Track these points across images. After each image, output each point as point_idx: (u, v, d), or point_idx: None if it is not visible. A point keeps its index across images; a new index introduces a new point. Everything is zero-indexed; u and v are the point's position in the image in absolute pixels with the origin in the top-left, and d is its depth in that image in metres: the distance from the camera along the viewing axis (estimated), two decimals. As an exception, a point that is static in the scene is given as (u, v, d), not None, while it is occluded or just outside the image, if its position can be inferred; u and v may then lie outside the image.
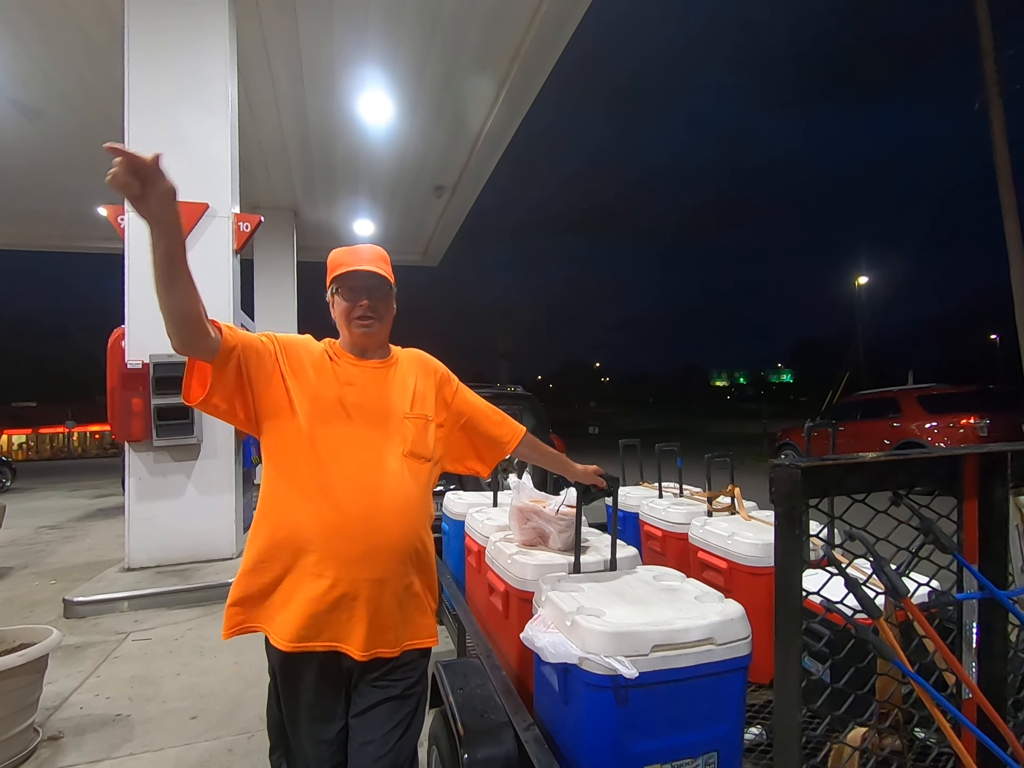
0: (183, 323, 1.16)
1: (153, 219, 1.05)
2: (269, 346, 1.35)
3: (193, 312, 1.16)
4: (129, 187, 1.00)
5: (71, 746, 2.40)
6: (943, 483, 0.85)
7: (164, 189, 1.03)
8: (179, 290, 1.12)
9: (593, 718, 1.25)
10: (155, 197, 1.03)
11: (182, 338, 1.18)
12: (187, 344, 1.20)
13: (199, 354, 1.24)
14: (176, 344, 1.19)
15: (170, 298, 1.12)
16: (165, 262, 1.09)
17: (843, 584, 0.82)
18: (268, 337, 1.38)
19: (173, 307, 1.13)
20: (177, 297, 1.13)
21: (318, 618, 1.26)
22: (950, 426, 8.71)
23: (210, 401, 1.28)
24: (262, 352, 1.33)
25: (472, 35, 5.66)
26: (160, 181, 1.03)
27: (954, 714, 0.78)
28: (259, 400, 1.33)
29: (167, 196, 1.04)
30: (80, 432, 33.20)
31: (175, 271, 1.10)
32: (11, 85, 6.22)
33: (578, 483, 1.75)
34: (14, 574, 5.19)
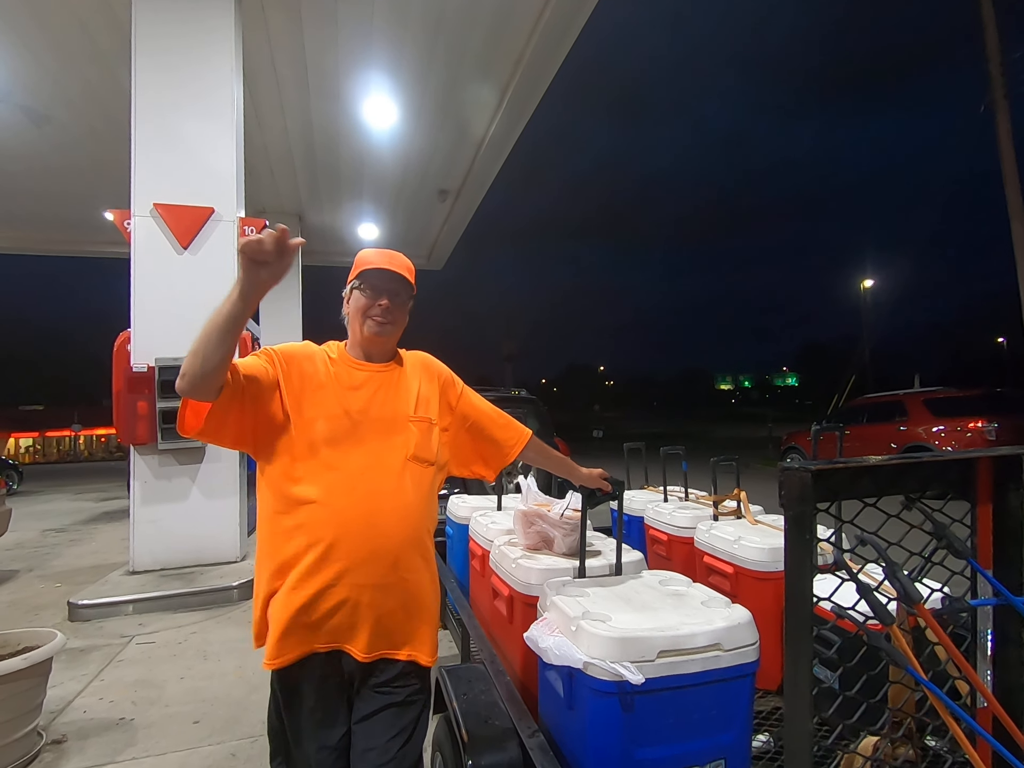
0: (212, 373, 1.15)
1: (257, 286, 1.13)
2: (270, 369, 1.32)
3: (225, 366, 1.17)
4: (265, 255, 1.09)
5: (74, 750, 2.39)
6: (956, 487, 0.84)
7: (283, 269, 1.13)
8: (227, 345, 1.15)
9: (598, 724, 1.24)
10: (272, 272, 1.12)
11: (197, 386, 1.16)
12: (199, 391, 1.17)
13: (204, 399, 1.21)
14: (185, 385, 1.15)
15: (217, 350, 1.14)
16: (233, 321, 1.14)
17: (854, 590, 0.80)
18: (268, 356, 1.35)
19: (214, 357, 1.14)
20: (223, 351, 1.15)
21: (319, 622, 1.25)
22: (957, 430, 8.64)
23: (206, 434, 1.26)
24: (262, 380, 1.30)
25: (476, 40, 5.68)
26: (287, 264, 1.13)
27: (969, 723, 0.76)
28: (258, 427, 1.31)
29: (278, 277, 1.14)
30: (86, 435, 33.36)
31: (236, 329, 1.15)
32: (18, 90, 6.27)
33: (583, 487, 1.73)
34: (20, 577, 5.20)
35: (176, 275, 4.60)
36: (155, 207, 4.55)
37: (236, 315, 1.13)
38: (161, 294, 4.56)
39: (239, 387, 1.24)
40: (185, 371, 1.15)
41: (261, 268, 1.11)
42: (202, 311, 4.21)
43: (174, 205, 4.59)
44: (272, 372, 1.32)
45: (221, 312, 1.13)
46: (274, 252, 1.09)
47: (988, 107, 10.87)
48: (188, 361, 1.14)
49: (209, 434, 1.26)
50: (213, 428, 1.25)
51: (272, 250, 1.09)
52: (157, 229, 4.58)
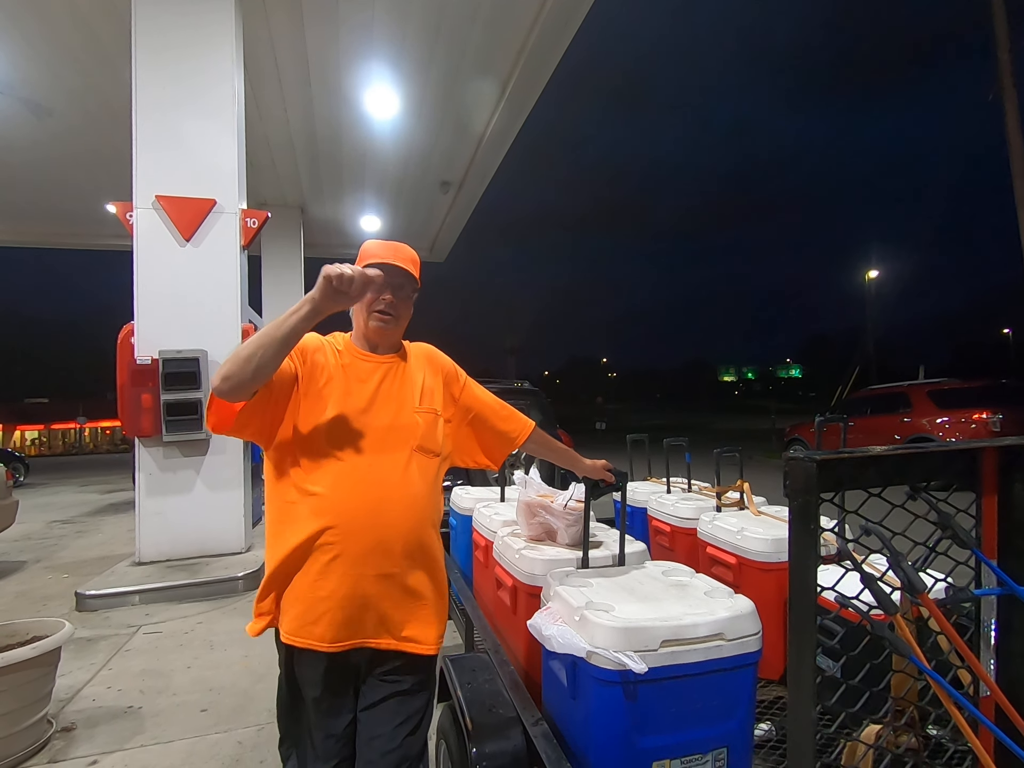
0: (260, 380, 1.18)
1: (324, 311, 1.19)
2: (290, 364, 1.32)
3: (272, 374, 1.20)
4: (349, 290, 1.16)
5: (83, 738, 2.43)
6: (961, 477, 0.84)
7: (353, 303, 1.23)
8: (283, 356, 1.19)
9: (602, 713, 1.24)
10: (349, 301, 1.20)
11: (238, 390, 1.17)
12: (238, 394, 1.18)
13: (237, 401, 1.22)
14: (227, 388, 1.15)
15: (273, 359, 1.17)
16: (297, 336, 1.19)
17: (858, 580, 0.80)
18: None
19: (268, 366, 1.17)
20: (277, 361, 1.18)
21: (328, 614, 1.26)
22: (962, 421, 8.61)
23: (237, 431, 1.28)
24: (286, 377, 1.30)
25: (477, 31, 5.63)
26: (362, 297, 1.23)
27: (972, 712, 0.76)
28: (276, 421, 1.32)
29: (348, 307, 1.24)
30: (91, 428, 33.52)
31: (295, 343, 1.21)
32: (20, 83, 6.25)
33: (586, 478, 1.73)
34: (28, 568, 5.25)
35: (179, 267, 4.60)
36: (157, 199, 4.55)
37: (301, 331, 1.19)
38: (164, 286, 4.56)
39: (269, 388, 1.25)
40: (230, 374, 1.15)
41: (340, 296, 1.17)
42: (205, 303, 4.24)
43: (176, 197, 4.58)
44: (292, 367, 1.33)
45: (285, 325, 1.16)
46: (358, 289, 1.17)
47: (996, 95, 10.74)
48: (238, 366, 1.14)
49: (237, 431, 1.28)
50: (241, 426, 1.27)
51: (357, 289, 1.17)
52: (159, 221, 4.57)
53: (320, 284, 1.15)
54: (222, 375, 1.15)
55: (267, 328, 1.17)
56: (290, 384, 1.31)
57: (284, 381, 1.29)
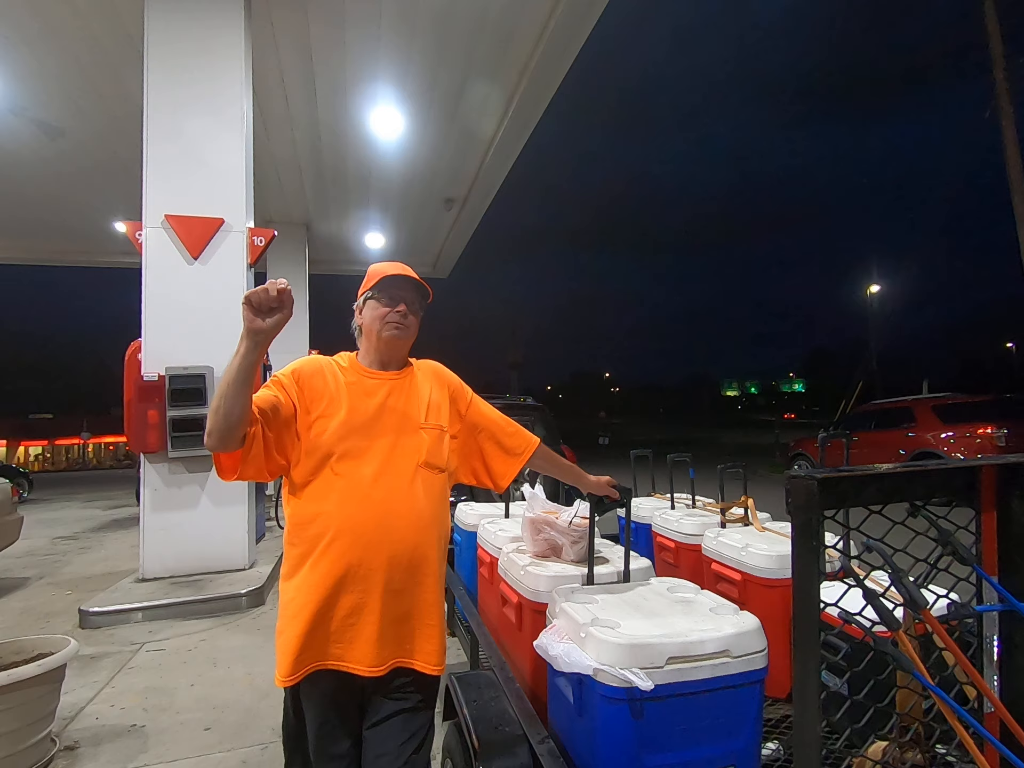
0: (236, 425, 1.20)
1: (262, 337, 1.20)
2: (282, 397, 1.35)
3: (246, 415, 1.21)
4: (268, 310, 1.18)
5: (87, 756, 2.41)
6: (961, 494, 0.85)
7: (284, 319, 1.21)
8: (245, 396, 1.20)
9: (608, 730, 1.25)
10: (276, 324, 1.20)
11: (225, 440, 1.20)
12: (227, 444, 1.21)
13: (232, 450, 1.25)
14: (214, 443, 1.20)
15: (236, 402, 1.18)
16: (246, 372, 1.19)
17: (861, 596, 0.82)
18: (278, 384, 1.37)
19: (235, 411, 1.18)
20: (241, 402, 1.19)
21: (330, 634, 1.27)
22: (966, 436, 8.58)
23: (243, 476, 1.30)
24: (280, 412, 1.32)
25: (482, 50, 5.75)
26: (287, 314, 1.21)
27: (976, 728, 0.77)
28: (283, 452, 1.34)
29: (281, 325, 1.21)
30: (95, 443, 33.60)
31: (250, 380, 1.20)
32: (32, 104, 6.39)
33: (591, 494, 1.75)
34: (31, 584, 5.25)
35: (187, 285, 4.66)
36: (166, 218, 4.62)
37: (248, 366, 1.19)
38: (172, 304, 4.62)
39: (257, 429, 1.27)
40: (211, 429, 1.19)
41: (259, 314, 1.18)
42: (212, 320, 4.29)
43: (185, 216, 4.66)
44: (286, 399, 1.35)
45: (232, 368, 1.18)
46: (277, 299, 1.18)
47: (993, 113, 10.87)
48: (211, 420, 1.18)
49: (246, 475, 1.30)
50: (247, 469, 1.29)
51: (275, 306, 1.18)
52: (168, 240, 4.64)
53: (242, 313, 1.18)
54: (207, 432, 1.20)
55: (223, 377, 1.20)
56: (286, 419, 1.33)
57: (280, 417, 1.31)
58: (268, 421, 1.29)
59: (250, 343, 1.19)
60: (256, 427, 1.26)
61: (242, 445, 1.24)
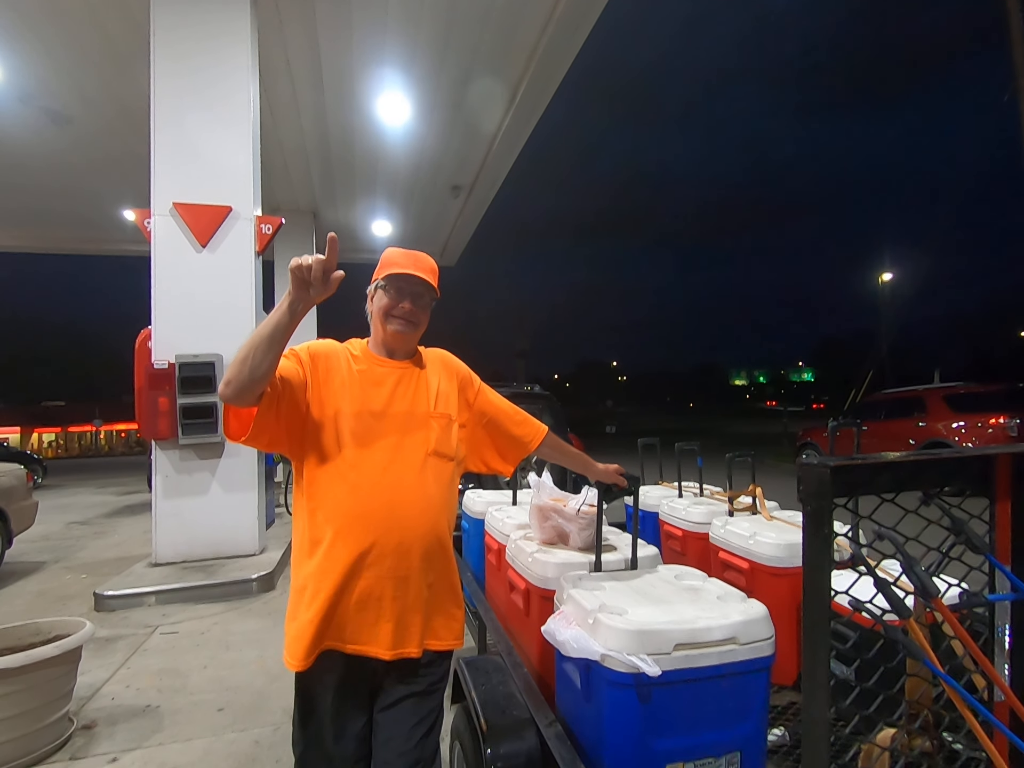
0: (259, 380, 1.19)
1: (304, 305, 1.20)
2: (299, 370, 1.35)
3: (270, 374, 1.21)
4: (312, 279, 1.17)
5: (104, 735, 2.47)
6: (975, 483, 0.84)
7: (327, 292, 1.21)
8: (274, 354, 1.20)
9: (615, 715, 1.26)
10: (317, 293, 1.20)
11: (242, 393, 1.19)
12: (243, 397, 1.20)
13: (245, 405, 1.24)
14: (230, 392, 1.18)
15: (265, 358, 1.18)
16: (281, 331, 1.19)
17: (872, 584, 0.81)
18: (296, 356, 1.37)
19: (261, 366, 1.18)
20: (269, 359, 1.19)
21: (344, 619, 1.29)
22: (978, 426, 8.49)
23: (253, 440, 1.29)
24: (294, 382, 1.32)
25: (488, 36, 5.68)
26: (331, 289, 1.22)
27: (986, 716, 0.77)
28: (291, 428, 1.34)
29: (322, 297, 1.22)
30: (107, 430, 34.01)
31: (283, 339, 1.21)
32: (40, 92, 6.39)
33: (599, 482, 1.75)
34: (47, 568, 5.35)
35: (195, 273, 4.68)
36: (174, 206, 4.63)
37: (283, 326, 1.19)
38: (181, 292, 4.64)
39: (276, 391, 1.27)
40: (231, 378, 1.17)
41: (308, 288, 1.18)
42: (221, 308, 4.31)
43: (193, 204, 4.66)
44: (301, 372, 1.35)
45: (269, 323, 1.18)
46: (319, 278, 1.17)
47: (1012, 96, 10.62)
48: (235, 369, 1.17)
49: (253, 439, 1.29)
50: (257, 433, 1.28)
51: (318, 277, 1.17)
52: (176, 228, 4.66)
53: (290, 278, 1.18)
54: (224, 380, 1.19)
55: (256, 329, 1.20)
56: (299, 391, 1.33)
57: (292, 388, 1.31)
58: (286, 387, 1.29)
59: (289, 306, 1.19)
60: (275, 390, 1.27)
61: (256, 404, 1.23)
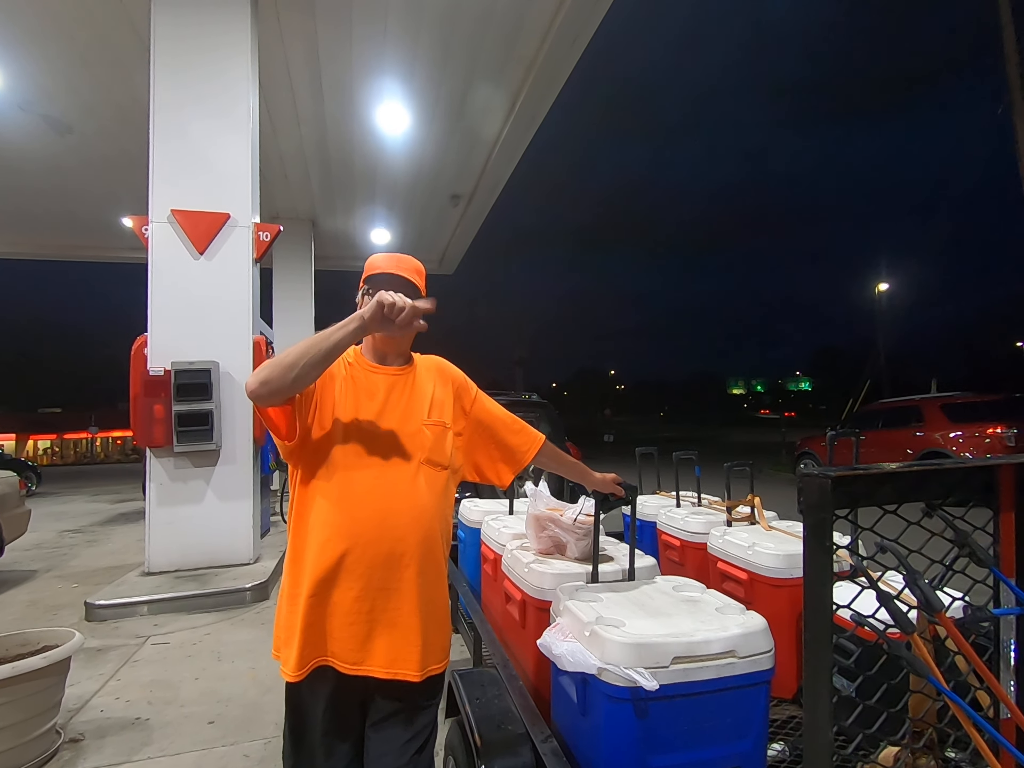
0: (297, 388, 1.20)
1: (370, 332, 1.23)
2: None
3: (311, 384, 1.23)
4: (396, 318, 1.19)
5: (92, 749, 2.42)
6: (978, 494, 0.83)
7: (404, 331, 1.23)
8: (324, 367, 1.21)
9: (612, 730, 1.23)
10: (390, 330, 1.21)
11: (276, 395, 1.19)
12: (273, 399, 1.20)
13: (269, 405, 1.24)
14: (264, 392, 1.17)
15: (314, 369, 1.19)
16: (341, 350, 1.21)
17: (874, 598, 0.79)
18: None
19: (309, 375, 1.19)
20: (318, 371, 1.20)
21: (330, 630, 1.26)
22: (975, 435, 8.50)
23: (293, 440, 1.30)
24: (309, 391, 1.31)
25: (488, 45, 5.72)
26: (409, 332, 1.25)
27: (992, 734, 0.75)
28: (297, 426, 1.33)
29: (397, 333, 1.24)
30: (103, 437, 33.83)
31: (337, 356, 1.22)
32: (40, 99, 6.41)
33: (596, 491, 1.73)
34: (38, 577, 5.28)
35: (192, 280, 4.67)
36: (172, 213, 4.63)
37: (344, 346, 1.20)
38: (178, 299, 4.63)
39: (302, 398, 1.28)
40: (270, 379, 1.16)
41: (387, 322, 1.19)
42: (218, 315, 4.30)
43: (191, 211, 4.66)
44: None
45: (329, 339, 1.18)
46: (406, 322, 1.19)
47: (1006, 109, 10.73)
48: (279, 372, 1.16)
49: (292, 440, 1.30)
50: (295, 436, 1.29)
51: (406, 321, 1.19)
52: (174, 235, 4.65)
53: (373, 306, 1.18)
54: (260, 379, 1.16)
55: (312, 339, 1.19)
56: (307, 396, 1.32)
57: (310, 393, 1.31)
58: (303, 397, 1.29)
59: (357, 330, 1.20)
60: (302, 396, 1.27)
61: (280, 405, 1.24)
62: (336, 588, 1.26)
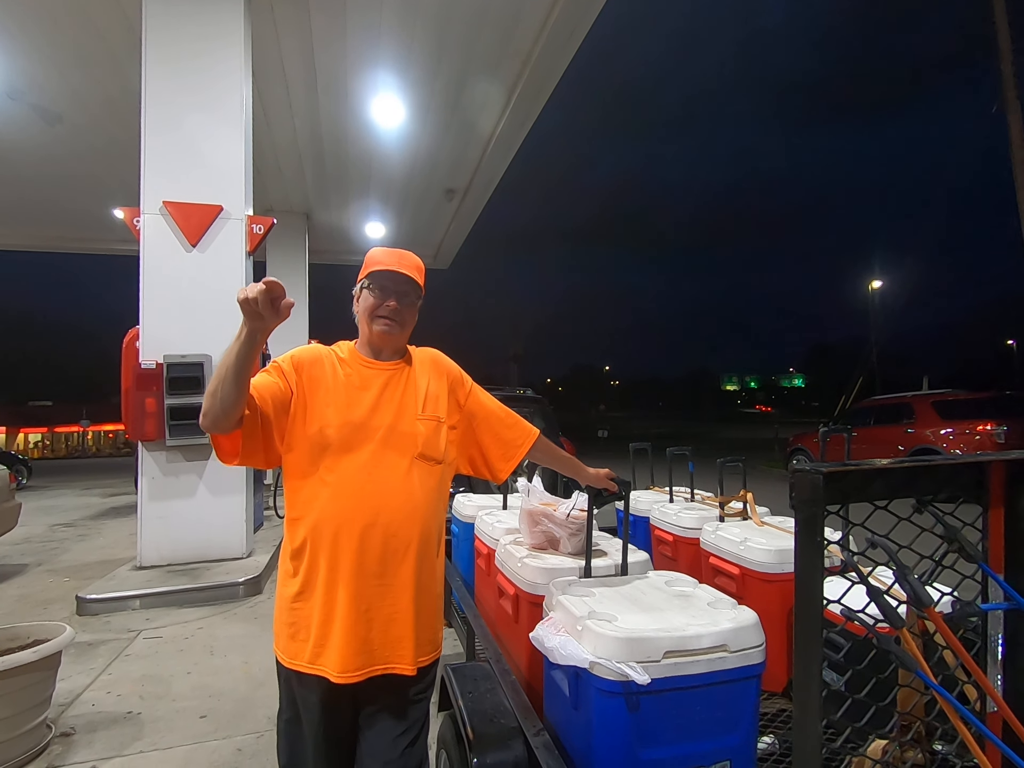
0: (231, 408, 1.19)
1: (261, 333, 1.18)
2: (281, 383, 1.33)
3: (242, 400, 1.20)
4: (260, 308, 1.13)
5: (83, 743, 2.42)
6: (968, 491, 0.83)
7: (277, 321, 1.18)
8: (241, 382, 1.18)
9: (604, 724, 1.24)
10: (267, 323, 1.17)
11: (219, 422, 1.19)
12: (221, 426, 1.21)
13: (226, 432, 1.24)
14: (208, 423, 1.19)
15: (233, 387, 1.17)
16: (243, 360, 1.17)
17: (864, 593, 0.80)
18: (278, 369, 1.36)
19: (231, 395, 1.17)
20: (237, 388, 1.18)
21: (332, 626, 1.26)
22: (966, 432, 8.58)
23: (248, 459, 1.30)
24: (277, 397, 1.31)
25: (483, 40, 5.68)
26: (281, 318, 1.18)
27: (979, 728, 0.76)
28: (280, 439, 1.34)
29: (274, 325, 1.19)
30: (94, 431, 33.62)
31: (247, 367, 1.19)
32: (31, 89, 6.32)
33: (589, 486, 1.73)
34: (29, 571, 5.25)
35: (185, 272, 4.62)
36: (164, 205, 4.58)
37: (244, 355, 1.17)
38: (170, 291, 4.59)
39: (255, 413, 1.27)
40: (206, 411, 1.18)
41: (260, 318, 1.15)
42: (210, 308, 4.27)
43: (183, 203, 4.61)
44: (284, 385, 1.33)
45: (231, 354, 1.17)
46: (267, 307, 1.14)
47: (1000, 107, 10.78)
48: (207, 401, 1.18)
49: (246, 460, 1.30)
50: (248, 455, 1.29)
51: (266, 306, 1.13)
52: (166, 227, 4.60)
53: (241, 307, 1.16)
54: (202, 413, 1.20)
55: (221, 360, 1.19)
56: (283, 405, 1.32)
57: (274, 404, 1.30)
58: (266, 405, 1.28)
59: (247, 335, 1.17)
60: (254, 411, 1.26)
61: (239, 427, 1.24)
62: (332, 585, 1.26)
